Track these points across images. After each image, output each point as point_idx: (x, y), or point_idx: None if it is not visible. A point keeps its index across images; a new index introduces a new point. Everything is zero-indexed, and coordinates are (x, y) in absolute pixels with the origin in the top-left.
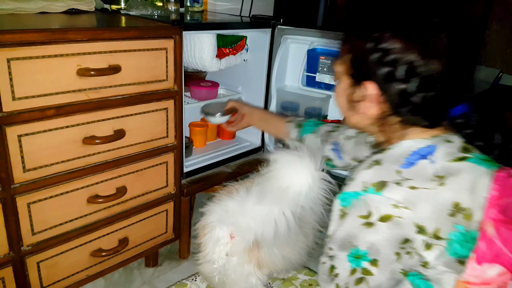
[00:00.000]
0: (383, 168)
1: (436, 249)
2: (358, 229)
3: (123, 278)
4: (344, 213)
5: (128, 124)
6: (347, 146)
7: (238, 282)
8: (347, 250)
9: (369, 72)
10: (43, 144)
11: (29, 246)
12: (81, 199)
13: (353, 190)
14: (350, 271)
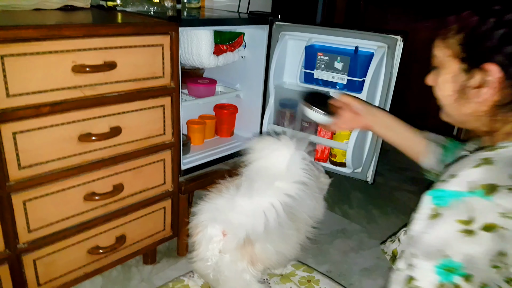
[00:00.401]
0: (495, 170)
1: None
2: (454, 236)
3: (121, 275)
4: (437, 213)
5: (125, 121)
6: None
7: (231, 279)
8: (436, 260)
9: (491, 51)
10: (38, 142)
11: (25, 243)
12: (78, 196)
13: (455, 189)
14: (438, 286)
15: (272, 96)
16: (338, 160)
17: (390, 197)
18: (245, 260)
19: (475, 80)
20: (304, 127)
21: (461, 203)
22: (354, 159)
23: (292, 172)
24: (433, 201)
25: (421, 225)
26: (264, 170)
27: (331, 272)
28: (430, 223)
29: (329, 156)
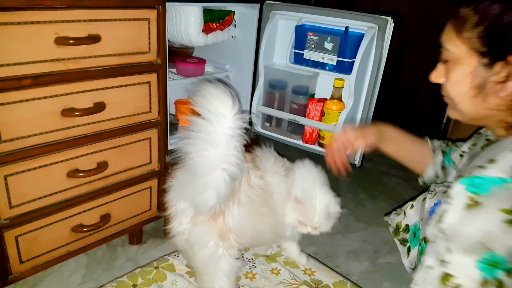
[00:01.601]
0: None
1: None
2: (498, 227)
3: (107, 255)
4: (476, 202)
5: (109, 97)
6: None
7: (201, 252)
8: (477, 254)
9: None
10: (19, 115)
11: (6, 219)
12: (61, 173)
13: (496, 176)
14: (482, 282)
15: (261, 77)
16: (326, 142)
17: (378, 181)
18: (214, 233)
19: (500, 74)
20: (293, 109)
21: (505, 190)
22: None
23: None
24: (469, 190)
25: (456, 217)
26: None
27: (318, 254)
28: (467, 213)
29: (317, 139)
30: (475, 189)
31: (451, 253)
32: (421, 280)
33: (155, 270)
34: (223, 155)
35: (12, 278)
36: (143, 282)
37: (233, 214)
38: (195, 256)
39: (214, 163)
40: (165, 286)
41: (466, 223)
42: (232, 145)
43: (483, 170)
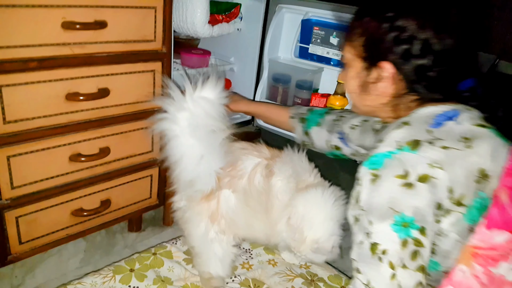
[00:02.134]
0: (413, 128)
1: (453, 216)
2: (398, 191)
3: (105, 241)
4: (376, 176)
5: (113, 83)
6: (352, 135)
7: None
8: (390, 218)
9: (385, 51)
10: (24, 97)
11: (8, 200)
12: (63, 156)
13: (386, 150)
14: (401, 243)
15: (266, 71)
16: None
17: None
18: (206, 215)
19: (373, 76)
20: (296, 103)
21: (394, 160)
22: None
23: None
24: (369, 167)
25: (367, 193)
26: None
27: None
28: (373, 187)
29: None
30: (374, 166)
31: (372, 225)
32: (358, 255)
33: (152, 256)
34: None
35: (11, 258)
36: (140, 267)
37: (226, 201)
38: (189, 235)
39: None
40: (162, 272)
41: (374, 195)
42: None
43: (375, 149)
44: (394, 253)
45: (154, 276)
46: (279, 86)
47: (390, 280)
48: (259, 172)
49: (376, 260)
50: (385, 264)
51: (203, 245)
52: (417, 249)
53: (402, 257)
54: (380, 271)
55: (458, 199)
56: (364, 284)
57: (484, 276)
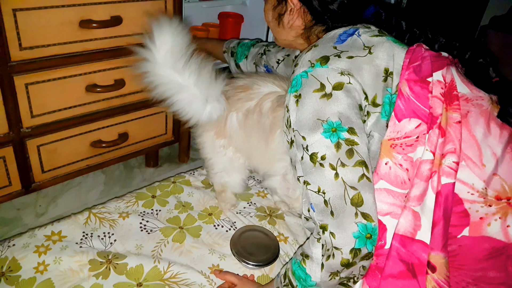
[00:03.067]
0: (321, 48)
1: (373, 117)
2: (320, 103)
3: (124, 174)
4: (299, 96)
5: (125, 11)
6: (279, 70)
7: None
8: (320, 128)
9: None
10: (38, 22)
11: (28, 128)
12: (80, 86)
13: (301, 71)
14: (335, 145)
15: None
16: None
17: None
18: (212, 131)
19: (282, 9)
20: None
21: (310, 78)
22: None
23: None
24: (292, 91)
25: (295, 113)
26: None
27: None
28: (299, 106)
29: None
30: (294, 89)
31: (305, 139)
32: (302, 171)
33: (172, 184)
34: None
35: (35, 186)
36: (162, 194)
37: (231, 119)
38: (202, 147)
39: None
40: (182, 197)
41: (301, 113)
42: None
43: (293, 74)
44: (331, 156)
45: (175, 201)
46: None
47: (335, 180)
48: (270, 99)
49: (318, 167)
50: (327, 168)
51: (215, 157)
52: (350, 147)
53: (339, 157)
54: (324, 174)
55: (373, 100)
56: (315, 191)
57: (405, 162)
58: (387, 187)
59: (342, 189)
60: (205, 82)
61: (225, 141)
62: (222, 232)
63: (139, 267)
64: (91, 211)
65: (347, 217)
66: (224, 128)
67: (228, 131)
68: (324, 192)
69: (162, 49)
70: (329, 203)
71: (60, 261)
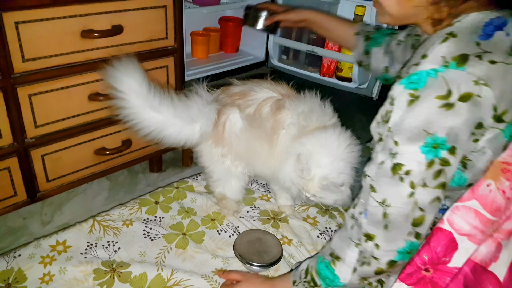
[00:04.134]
0: (460, 40)
1: (492, 132)
2: (436, 112)
3: (128, 180)
4: (416, 97)
5: (126, 19)
6: (397, 52)
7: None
8: (421, 140)
9: None
10: (40, 34)
11: (32, 138)
12: (82, 95)
13: (430, 68)
14: (427, 164)
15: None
16: (344, 75)
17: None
18: (210, 139)
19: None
20: (312, 39)
21: (438, 79)
22: (360, 72)
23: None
24: (408, 87)
25: (400, 114)
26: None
27: None
28: (410, 108)
29: (335, 71)
30: (414, 85)
31: (398, 145)
32: (375, 174)
33: (175, 189)
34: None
35: (40, 195)
36: (165, 200)
37: (230, 125)
38: (200, 156)
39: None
40: (185, 203)
41: (408, 117)
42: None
43: (417, 66)
44: (417, 173)
45: (178, 207)
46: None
47: (408, 198)
48: (269, 104)
49: (396, 180)
50: (406, 184)
51: (213, 166)
52: (442, 168)
53: (424, 177)
54: (399, 190)
55: (500, 115)
56: (378, 202)
57: (510, 190)
58: (479, 209)
59: (410, 208)
60: (182, 108)
61: (224, 149)
62: (225, 237)
63: (143, 275)
64: (95, 219)
65: (400, 234)
66: (223, 136)
67: (227, 139)
68: (389, 205)
69: (131, 93)
70: (388, 217)
71: (65, 271)
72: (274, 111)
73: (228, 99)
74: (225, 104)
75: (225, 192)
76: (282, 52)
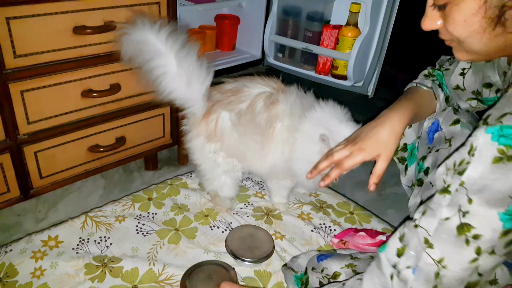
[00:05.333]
0: None
1: None
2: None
3: (123, 178)
4: (507, 156)
5: (118, 15)
6: (466, 82)
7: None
8: (503, 207)
9: None
10: (32, 30)
11: (25, 135)
12: (75, 92)
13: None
14: (502, 232)
15: (275, 3)
16: (339, 73)
17: None
18: (203, 135)
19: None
20: (307, 37)
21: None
22: (355, 70)
23: None
24: (498, 141)
25: (481, 170)
26: None
27: None
28: (495, 167)
29: (330, 69)
30: (508, 141)
31: (472, 204)
32: (434, 230)
33: (169, 186)
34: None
35: (34, 192)
36: (158, 196)
37: (222, 122)
38: (192, 153)
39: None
40: (178, 200)
41: (493, 179)
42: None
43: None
44: (487, 240)
45: (171, 204)
46: (290, 19)
47: (469, 264)
48: (262, 99)
49: (461, 242)
50: (471, 249)
51: (205, 163)
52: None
53: (494, 245)
54: (462, 252)
55: None
56: (435, 260)
57: None
58: None
59: (469, 273)
60: (185, 56)
61: (216, 146)
62: (218, 233)
63: (134, 270)
64: (88, 215)
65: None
66: (215, 132)
67: (220, 135)
68: (445, 267)
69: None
70: (441, 279)
71: (56, 266)
72: (268, 105)
73: (221, 96)
74: (218, 101)
75: (218, 190)
76: (278, 50)
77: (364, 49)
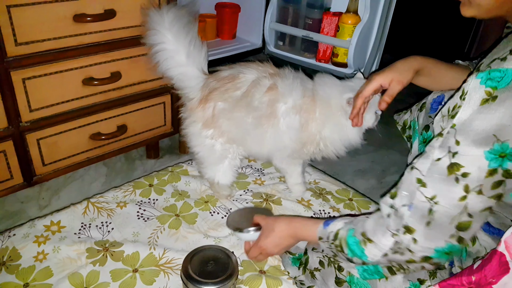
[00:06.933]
0: None
1: None
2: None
3: (125, 166)
4: (492, 97)
5: (119, 4)
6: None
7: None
8: (488, 145)
9: None
10: (33, 18)
11: (27, 122)
12: (76, 80)
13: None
14: (488, 171)
15: None
16: (339, 60)
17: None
18: (200, 122)
19: None
20: (308, 25)
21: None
22: (356, 57)
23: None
24: (485, 84)
25: (469, 112)
26: None
27: (325, 172)
28: (482, 108)
29: (331, 56)
30: (493, 83)
31: (460, 145)
32: (427, 170)
33: (170, 173)
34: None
35: (37, 179)
36: (159, 183)
37: (219, 108)
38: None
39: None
40: (179, 186)
41: (479, 118)
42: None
43: (503, 62)
44: (475, 179)
45: (172, 190)
46: (289, 6)
47: (458, 201)
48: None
49: (451, 180)
50: (460, 186)
51: (203, 150)
52: (503, 179)
53: (482, 184)
54: (452, 190)
55: None
56: (427, 197)
57: None
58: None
59: (458, 211)
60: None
61: (214, 131)
62: (218, 218)
63: (135, 254)
64: (90, 201)
65: (442, 234)
66: (212, 118)
67: (218, 122)
68: (437, 203)
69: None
70: (433, 214)
71: (58, 250)
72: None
73: (217, 84)
74: (215, 88)
75: (216, 177)
76: (278, 38)
77: (364, 37)
